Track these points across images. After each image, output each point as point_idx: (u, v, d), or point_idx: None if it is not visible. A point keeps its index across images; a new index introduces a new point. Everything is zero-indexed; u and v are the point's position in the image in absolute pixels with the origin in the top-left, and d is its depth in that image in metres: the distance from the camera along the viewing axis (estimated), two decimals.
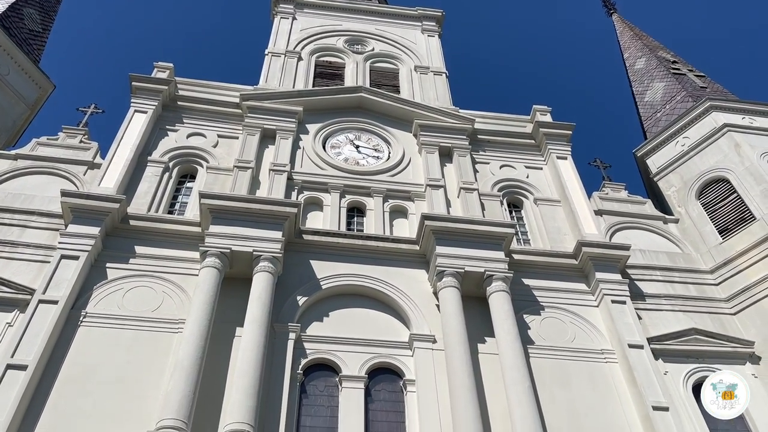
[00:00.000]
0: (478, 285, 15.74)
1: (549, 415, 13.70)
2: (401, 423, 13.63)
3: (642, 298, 16.91)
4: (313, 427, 13.30)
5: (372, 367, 14.35)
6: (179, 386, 12.03)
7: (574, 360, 15.09)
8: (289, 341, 14.19)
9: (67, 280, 13.96)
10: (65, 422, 12.03)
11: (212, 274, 14.33)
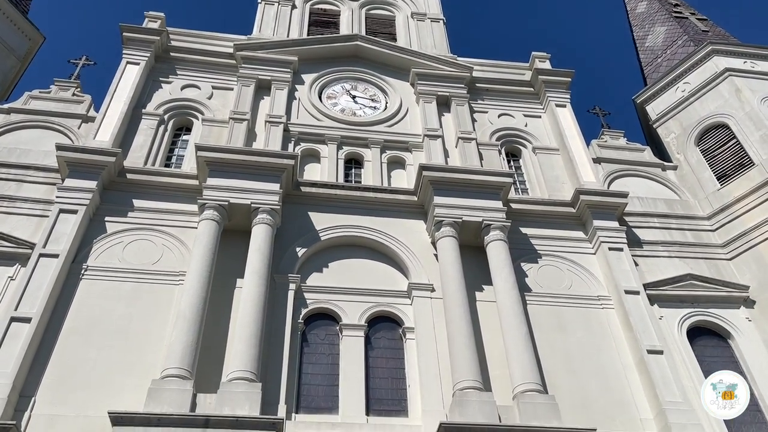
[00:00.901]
0: (475, 234, 15.84)
1: (545, 359, 14.02)
2: (401, 369, 13.93)
3: (639, 245, 17.05)
4: (314, 374, 13.59)
5: (371, 315, 14.57)
6: (182, 336, 12.24)
7: (571, 306, 15.33)
8: (290, 292, 14.36)
9: (67, 234, 14.03)
10: (71, 373, 12.29)
11: (211, 226, 14.38)
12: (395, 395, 13.53)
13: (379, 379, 13.73)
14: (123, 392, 12.10)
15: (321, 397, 13.21)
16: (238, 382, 11.85)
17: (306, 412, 12.85)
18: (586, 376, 13.96)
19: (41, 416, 11.58)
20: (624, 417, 13.33)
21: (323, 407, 13.04)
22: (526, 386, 12.66)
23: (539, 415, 12.11)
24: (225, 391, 11.68)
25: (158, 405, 11.18)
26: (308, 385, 13.37)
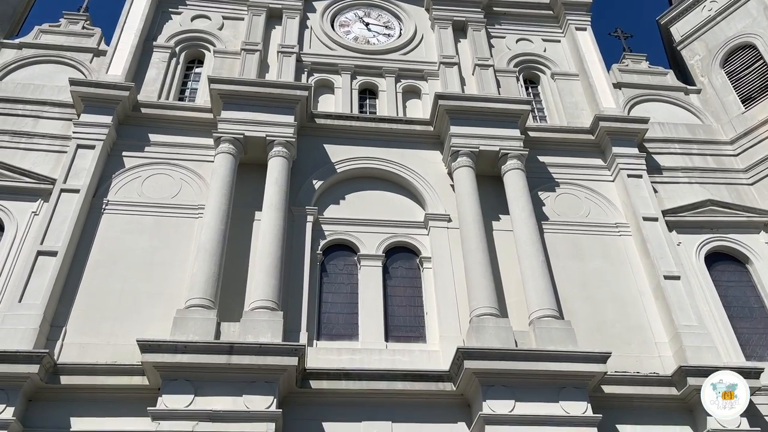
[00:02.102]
0: (492, 164, 15.71)
1: (562, 286, 14.17)
2: (418, 297, 14.18)
3: (659, 171, 16.83)
4: (334, 303, 13.89)
5: (389, 246, 14.71)
6: (204, 268, 12.50)
7: (588, 234, 15.33)
8: (308, 223, 14.50)
9: (86, 170, 14.16)
10: (99, 303, 12.69)
11: (228, 159, 14.41)
12: (413, 322, 13.84)
13: (397, 307, 14.02)
14: (149, 321, 12.51)
15: (341, 325, 13.55)
16: (260, 311, 12.15)
17: (327, 339, 13.21)
18: (603, 302, 14.12)
19: (73, 345, 12.06)
20: (639, 341, 13.56)
21: (343, 334, 13.39)
22: (542, 312, 12.86)
23: (555, 340, 12.35)
24: (248, 320, 12.01)
25: (184, 333, 11.55)
26: (328, 313, 13.69)
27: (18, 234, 13.42)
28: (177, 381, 11.04)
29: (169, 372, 11.07)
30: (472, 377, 11.72)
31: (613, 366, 12.62)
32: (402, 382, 12.16)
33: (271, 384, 11.23)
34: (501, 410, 11.39)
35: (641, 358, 13.24)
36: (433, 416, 12.06)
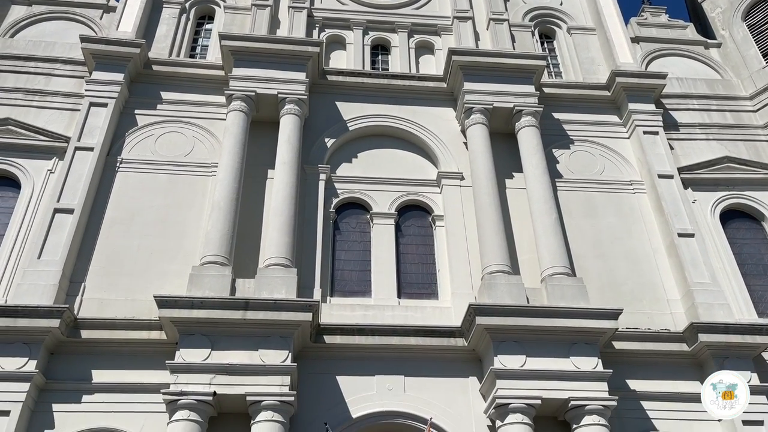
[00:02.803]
0: (506, 121, 15.54)
1: (575, 244, 14.16)
2: (430, 255, 14.25)
3: (676, 127, 16.56)
4: (347, 260, 14.00)
5: (401, 204, 14.73)
6: (218, 225, 12.61)
7: (602, 191, 15.22)
8: (320, 182, 14.51)
9: (99, 128, 14.19)
10: (116, 260, 12.90)
11: (240, 117, 14.36)
12: (425, 279, 13.95)
13: (409, 264, 14.11)
14: (166, 278, 12.72)
15: (354, 282, 13.69)
16: (274, 267, 12.29)
17: (340, 296, 13.38)
18: (615, 259, 14.11)
19: (92, 300, 12.32)
20: (651, 298, 13.60)
21: (356, 291, 13.54)
22: (554, 269, 12.89)
23: (567, 297, 12.41)
24: (262, 276, 12.16)
25: (199, 289, 11.74)
26: (341, 270, 13.82)
27: (35, 192, 13.59)
28: (194, 336, 11.27)
29: (186, 327, 11.29)
30: (483, 333, 11.86)
31: (625, 322, 12.70)
32: (414, 338, 12.34)
33: (286, 339, 11.43)
34: (512, 365, 11.55)
35: (653, 314, 13.31)
36: (444, 370, 12.27)
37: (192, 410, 10.59)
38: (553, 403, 11.40)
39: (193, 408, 10.61)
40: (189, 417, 10.54)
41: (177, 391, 10.69)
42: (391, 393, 11.94)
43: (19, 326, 11.08)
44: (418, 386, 12.06)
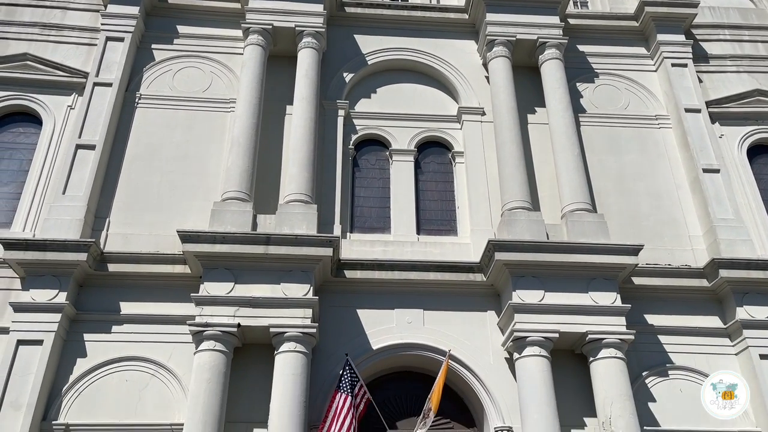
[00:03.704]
0: (530, 53, 15.12)
1: (597, 180, 14.00)
2: (450, 192, 14.22)
3: (705, 59, 16.00)
4: (366, 197, 14.03)
5: (421, 140, 14.59)
6: (238, 161, 12.64)
7: (626, 127, 14.92)
8: (339, 118, 14.38)
9: (117, 63, 14.09)
10: (139, 196, 13.06)
11: (257, 52, 14.14)
12: (444, 216, 13.96)
13: (428, 201, 14.11)
14: (188, 213, 12.88)
15: (373, 218, 13.76)
16: (294, 203, 12.36)
17: (360, 232, 13.48)
18: (637, 196, 13.96)
19: (117, 235, 12.56)
20: (672, 234, 13.51)
21: (376, 227, 13.63)
22: (575, 206, 12.81)
23: (587, 233, 12.37)
24: (283, 212, 12.26)
25: (222, 225, 11.89)
26: (361, 207, 13.87)
27: (56, 128, 13.67)
28: (217, 269, 11.49)
29: (209, 261, 11.51)
30: (502, 268, 11.93)
31: (645, 258, 12.67)
32: (433, 273, 12.47)
33: (307, 273, 11.62)
34: (530, 300, 11.66)
35: (674, 251, 13.25)
36: (463, 305, 12.44)
37: (217, 341, 10.92)
38: (571, 336, 11.56)
39: (219, 339, 10.93)
40: (215, 347, 10.88)
41: (202, 322, 11.00)
42: (411, 326, 12.18)
43: (48, 260, 11.38)
44: (437, 320, 12.27)
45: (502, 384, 11.69)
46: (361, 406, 11.04)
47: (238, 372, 11.28)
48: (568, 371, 11.78)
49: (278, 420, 10.40)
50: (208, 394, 10.48)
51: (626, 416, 10.71)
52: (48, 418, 10.74)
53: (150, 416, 10.97)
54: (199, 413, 10.31)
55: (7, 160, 13.53)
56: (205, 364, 10.73)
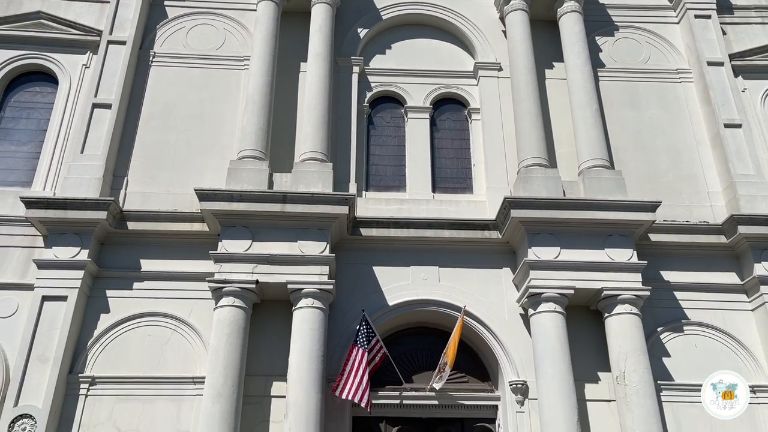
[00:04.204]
0: (548, 7, 14.77)
1: (615, 136, 13.81)
2: (466, 149, 14.13)
3: (729, 11, 15.50)
4: (381, 155, 14.00)
5: (437, 97, 14.44)
6: (253, 120, 12.63)
7: (646, 81, 14.61)
8: (353, 75, 14.25)
9: (130, 20, 13.99)
10: (156, 154, 13.13)
11: (270, 8, 13.95)
12: (460, 174, 13.91)
13: (444, 159, 14.04)
14: (204, 172, 12.96)
15: (389, 177, 13.75)
16: (310, 162, 12.38)
17: (375, 190, 13.49)
18: (656, 151, 13.77)
19: (135, 194, 12.69)
20: (691, 190, 13.36)
21: (391, 185, 13.63)
22: (592, 162, 12.69)
23: (604, 189, 12.28)
24: (299, 171, 12.29)
25: (238, 183, 11.96)
26: (376, 165, 13.85)
27: (72, 86, 13.70)
28: (235, 227, 11.62)
29: (227, 219, 11.62)
30: (518, 226, 11.93)
31: (663, 215, 12.59)
32: (449, 230, 12.50)
33: (324, 231, 11.70)
34: (546, 256, 11.68)
35: (692, 207, 13.13)
36: (478, 262, 12.50)
37: (236, 297, 11.12)
38: (586, 293, 11.60)
39: (238, 295, 11.13)
40: (234, 303, 11.09)
41: (221, 279, 11.18)
42: (426, 283, 12.28)
43: (69, 218, 11.56)
44: (453, 277, 12.35)
45: (517, 339, 11.82)
46: (377, 359, 11.27)
47: (257, 327, 11.51)
48: (582, 327, 11.87)
49: (297, 373, 10.65)
50: (228, 348, 10.74)
51: (640, 371, 10.82)
52: (74, 371, 11.09)
53: (172, 369, 11.28)
54: (220, 366, 10.58)
55: (26, 120, 13.64)
56: (225, 320, 10.96)
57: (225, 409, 10.30)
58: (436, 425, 11.87)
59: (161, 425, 10.82)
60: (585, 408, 11.22)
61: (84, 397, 10.92)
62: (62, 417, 10.74)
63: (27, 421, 10.33)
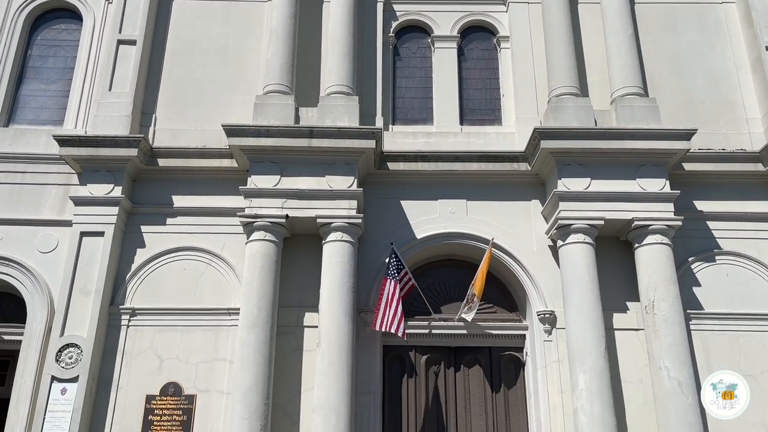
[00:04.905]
0: None
1: (650, 62, 13.32)
2: (495, 79, 13.80)
3: None
4: (408, 87, 13.77)
5: (464, 26, 14.03)
6: (278, 54, 12.47)
7: (684, 3, 13.85)
8: (378, 4, 13.87)
9: None
10: (183, 91, 13.12)
11: None
12: (489, 105, 13.65)
13: (472, 90, 13.76)
14: (231, 107, 12.94)
15: (416, 109, 13.57)
16: (336, 96, 12.25)
17: (402, 124, 13.35)
18: (693, 78, 13.28)
19: (164, 130, 12.78)
20: (729, 117, 12.93)
21: (418, 119, 13.47)
22: (626, 90, 12.32)
23: (637, 118, 11.97)
24: (325, 105, 12.20)
25: (265, 118, 11.95)
26: (402, 98, 13.65)
27: (96, 23, 13.61)
28: (263, 163, 11.69)
29: (255, 154, 11.68)
30: (548, 157, 11.76)
31: (698, 143, 12.27)
32: (477, 163, 12.40)
33: (351, 165, 11.71)
34: (576, 187, 11.55)
35: (728, 135, 12.74)
36: (506, 194, 12.43)
37: (267, 231, 11.31)
38: (616, 223, 11.51)
39: (268, 229, 11.32)
40: (265, 237, 11.29)
41: (252, 214, 11.35)
42: (454, 216, 12.30)
43: (101, 155, 11.75)
44: (480, 209, 12.34)
45: (545, 271, 11.87)
46: (405, 288, 11.45)
47: (288, 261, 11.74)
48: (612, 258, 11.85)
49: (328, 305, 10.91)
50: (261, 280, 11.01)
51: (670, 300, 10.83)
52: (115, 303, 11.53)
53: (208, 301, 11.65)
54: (254, 298, 10.89)
55: (53, 58, 13.68)
56: (257, 253, 11.20)
57: (260, 339, 10.67)
58: (464, 354, 12.15)
59: (200, 353, 11.29)
60: (613, 336, 11.34)
61: (126, 327, 11.40)
62: (106, 346, 11.26)
63: (73, 350, 10.85)
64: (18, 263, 11.64)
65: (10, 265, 11.64)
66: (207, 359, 11.25)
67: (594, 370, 10.45)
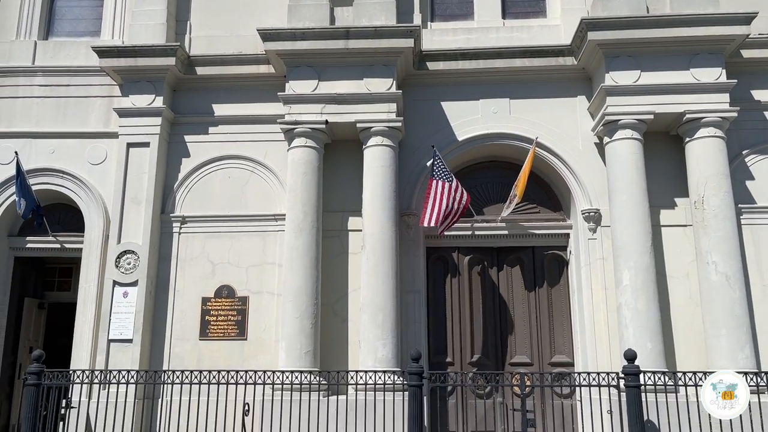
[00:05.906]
0: None
1: None
2: None
3: None
4: None
5: None
6: None
7: None
8: None
9: None
10: None
11: None
12: None
13: None
14: (265, 11, 12.64)
15: (455, 4, 13.00)
16: None
17: (441, 20, 12.85)
18: None
19: (199, 38, 12.63)
20: None
21: (458, 14, 12.92)
22: None
23: (692, 3, 11.17)
24: (360, 3, 11.79)
25: (300, 20, 11.66)
26: None
27: None
28: (300, 67, 11.52)
29: (292, 59, 11.50)
30: (595, 49, 11.22)
31: (758, 28, 11.46)
32: (520, 59, 11.94)
33: (389, 67, 11.43)
34: (624, 81, 11.06)
35: None
36: (551, 91, 12.03)
37: (308, 137, 11.32)
38: (666, 117, 11.07)
39: (309, 135, 11.32)
40: (306, 143, 11.31)
41: (292, 120, 11.33)
42: (496, 116, 12.02)
43: (140, 66, 11.76)
44: (524, 108, 12.01)
45: (591, 169, 11.64)
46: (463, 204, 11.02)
47: (330, 166, 11.80)
48: (661, 153, 11.51)
49: (371, 209, 11.03)
50: (304, 186, 11.15)
51: (721, 194, 10.54)
52: (166, 211, 11.92)
53: (254, 208, 11.91)
54: (299, 204, 11.08)
55: None
56: (300, 159, 11.27)
57: (307, 242, 10.95)
58: (507, 254, 12.25)
59: (249, 257, 11.69)
60: (659, 233, 11.20)
61: (177, 234, 11.84)
62: (161, 252, 11.76)
63: (131, 256, 11.39)
64: (72, 175, 12.05)
65: (65, 177, 12.07)
66: (257, 263, 11.67)
67: (639, 266, 10.43)
